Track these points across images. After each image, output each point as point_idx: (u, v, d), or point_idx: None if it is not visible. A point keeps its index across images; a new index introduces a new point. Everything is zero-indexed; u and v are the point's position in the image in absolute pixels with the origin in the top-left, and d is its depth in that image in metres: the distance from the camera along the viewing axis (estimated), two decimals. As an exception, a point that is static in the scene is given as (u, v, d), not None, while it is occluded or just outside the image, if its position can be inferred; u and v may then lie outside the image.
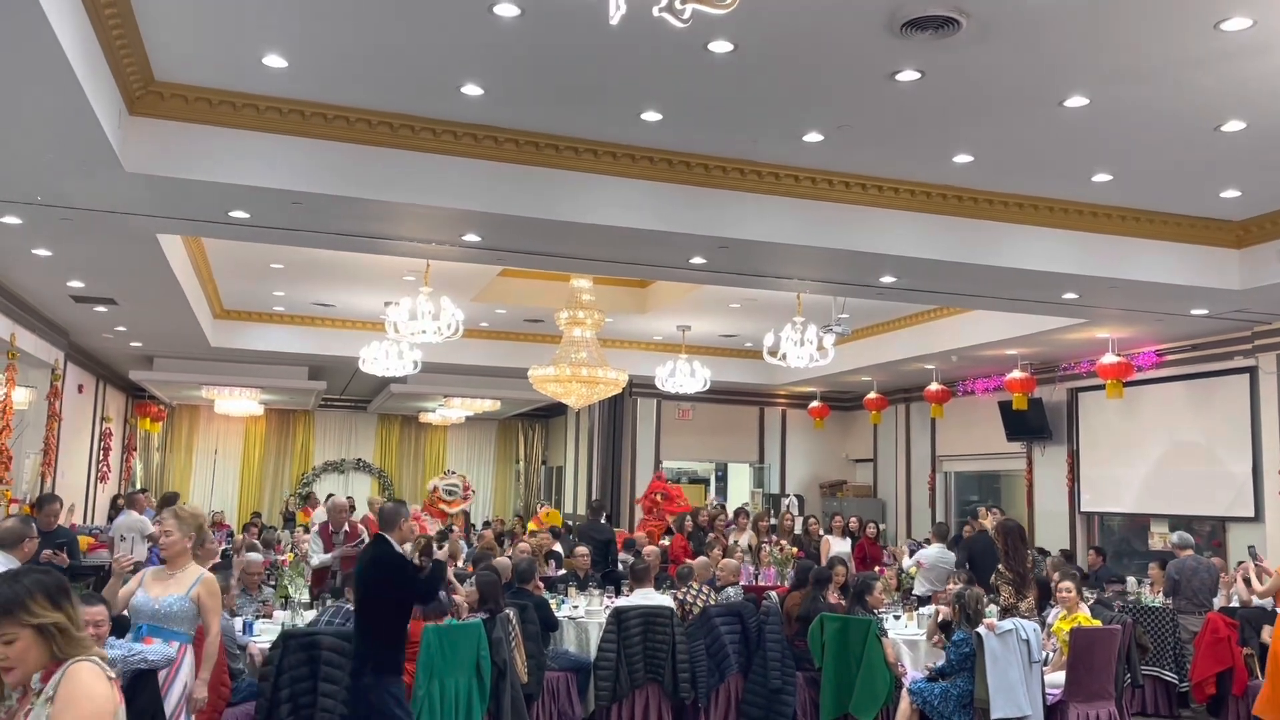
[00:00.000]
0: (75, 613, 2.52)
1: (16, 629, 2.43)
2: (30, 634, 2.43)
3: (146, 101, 6.39)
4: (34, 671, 2.44)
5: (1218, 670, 8.00)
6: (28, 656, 2.43)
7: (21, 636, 2.43)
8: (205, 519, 5.15)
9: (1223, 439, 11.45)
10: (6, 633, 2.42)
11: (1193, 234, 8.79)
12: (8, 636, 2.42)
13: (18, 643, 2.42)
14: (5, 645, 2.42)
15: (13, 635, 2.42)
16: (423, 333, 9.81)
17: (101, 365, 16.23)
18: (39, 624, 2.44)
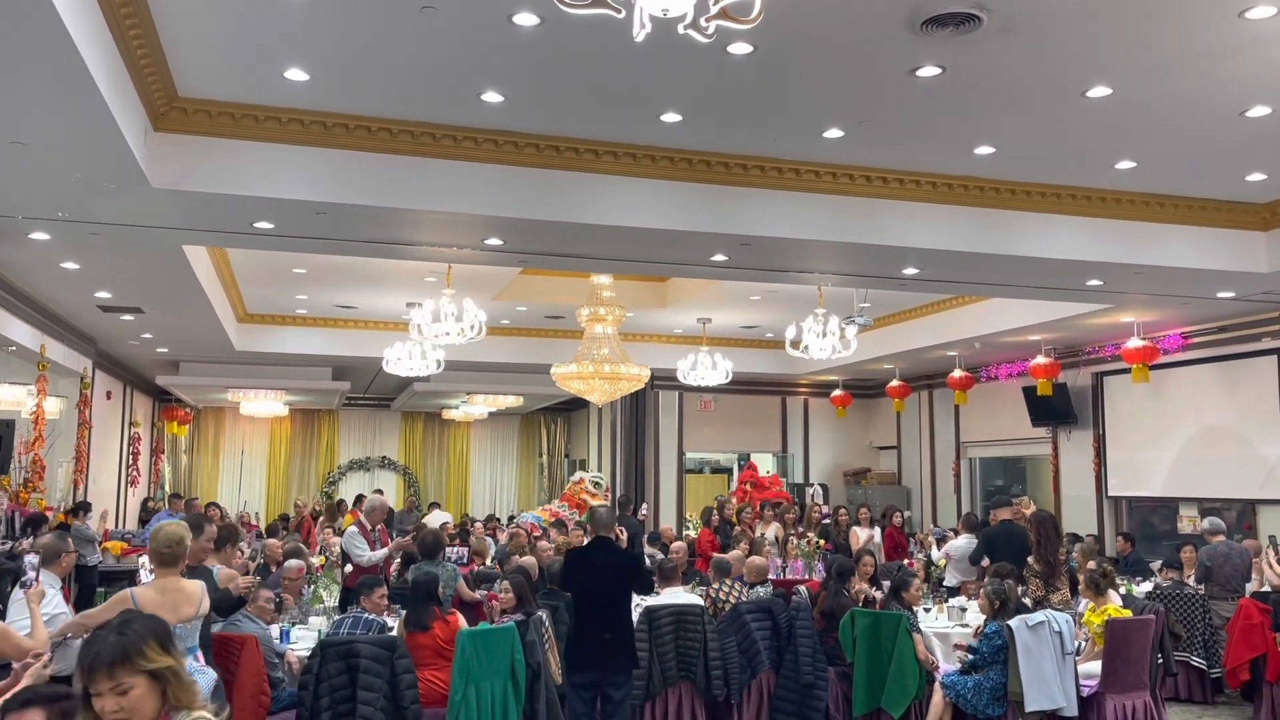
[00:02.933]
0: (180, 658, 2.51)
1: (133, 677, 2.39)
2: (145, 681, 2.41)
3: (171, 118, 6.44)
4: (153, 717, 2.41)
5: (1251, 656, 7.96)
6: (144, 705, 2.40)
7: (137, 684, 2.39)
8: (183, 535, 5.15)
9: (1252, 421, 11.36)
10: (122, 682, 2.37)
11: (1218, 218, 8.72)
12: (123, 686, 2.38)
13: (133, 691, 2.39)
14: (120, 696, 2.37)
15: (129, 685, 2.38)
16: (446, 334, 9.86)
17: (128, 371, 16.40)
18: (154, 670, 2.41)
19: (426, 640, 6.26)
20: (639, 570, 6.11)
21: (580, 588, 6.06)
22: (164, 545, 4.93)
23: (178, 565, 4.97)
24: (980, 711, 6.85)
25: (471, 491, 23.51)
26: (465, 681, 6.05)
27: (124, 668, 2.39)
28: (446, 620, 6.39)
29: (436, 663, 6.23)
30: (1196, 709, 8.43)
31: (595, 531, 6.22)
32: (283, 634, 6.79)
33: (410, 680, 5.90)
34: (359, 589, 6.94)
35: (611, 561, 6.00)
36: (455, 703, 6.01)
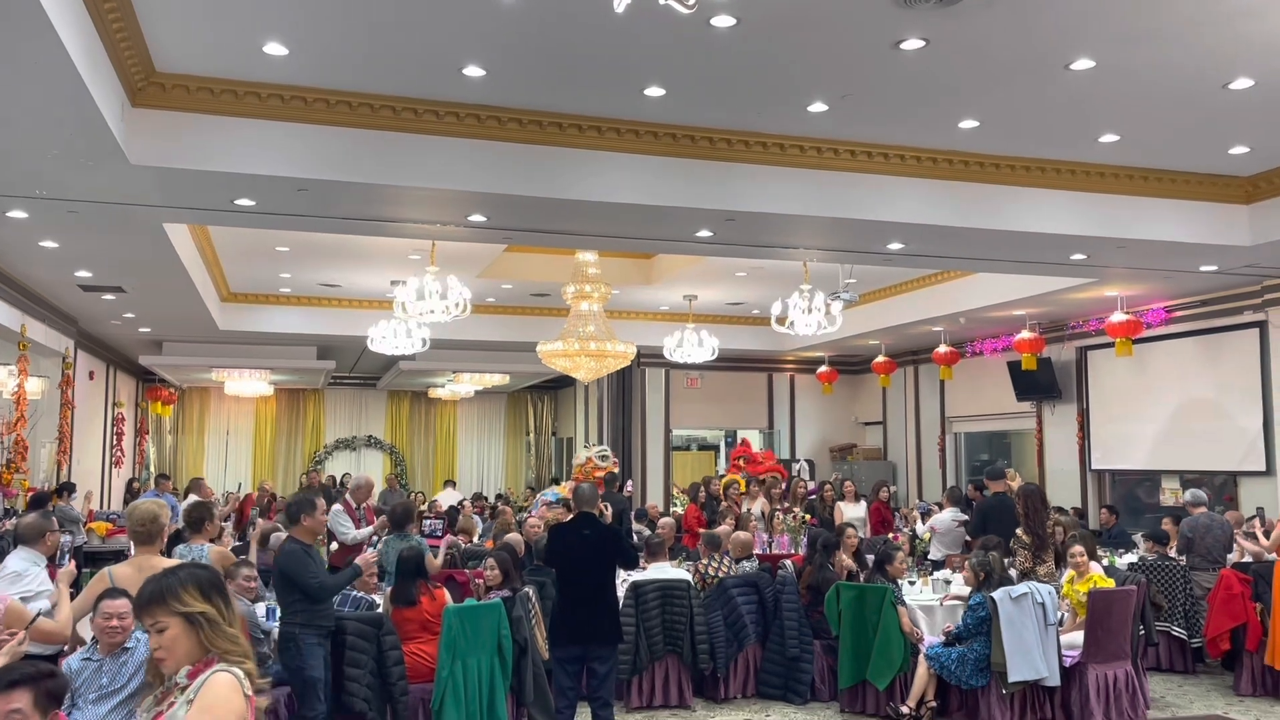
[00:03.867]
0: (229, 609, 2.63)
1: (167, 617, 2.55)
2: (179, 623, 2.55)
3: (149, 93, 6.37)
4: (184, 663, 2.54)
5: (1231, 626, 8.05)
6: (177, 646, 2.54)
7: (171, 625, 2.54)
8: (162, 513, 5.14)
9: (1233, 394, 11.44)
10: (158, 620, 2.55)
11: (1201, 191, 8.75)
12: (160, 625, 2.55)
13: (168, 631, 2.54)
14: (158, 634, 2.55)
15: (164, 624, 2.54)
16: (431, 312, 9.81)
17: (111, 351, 16.30)
18: (188, 613, 2.55)
19: (413, 614, 6.27)
20: (621, 545, 6.12)
21: (563, 563, 6.08)
22: (139, 524, 4.93)
23: (155, 543, 4.97)
24: (964, 682, 6.92)
25: (459, 470, 23.50)
26: (452, 657, 6.06)
27: (159, 607, 2.56)
28: (433, 594, 6.40)
29: (422, 636, 6.25)
30: (1177, 678, 8.54)
31: (578, 507, 6.22)
32: (269, 612, 6.78)
33: (396, 657, 5.92)
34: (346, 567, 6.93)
35: (594, 537, 6.01)
36: (442, 679, 6.03)
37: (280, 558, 5.72)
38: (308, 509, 5.81)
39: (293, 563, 5.62)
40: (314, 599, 5.59)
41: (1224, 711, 7.47)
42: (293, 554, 5.67)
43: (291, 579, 5.59)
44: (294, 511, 5.89)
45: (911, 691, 7.05)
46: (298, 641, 5.56)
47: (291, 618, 5.62)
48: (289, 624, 5.62)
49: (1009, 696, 6.86)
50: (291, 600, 5.63)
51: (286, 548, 5.76)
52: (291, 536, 5.84)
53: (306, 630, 5.57)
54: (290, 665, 5.60)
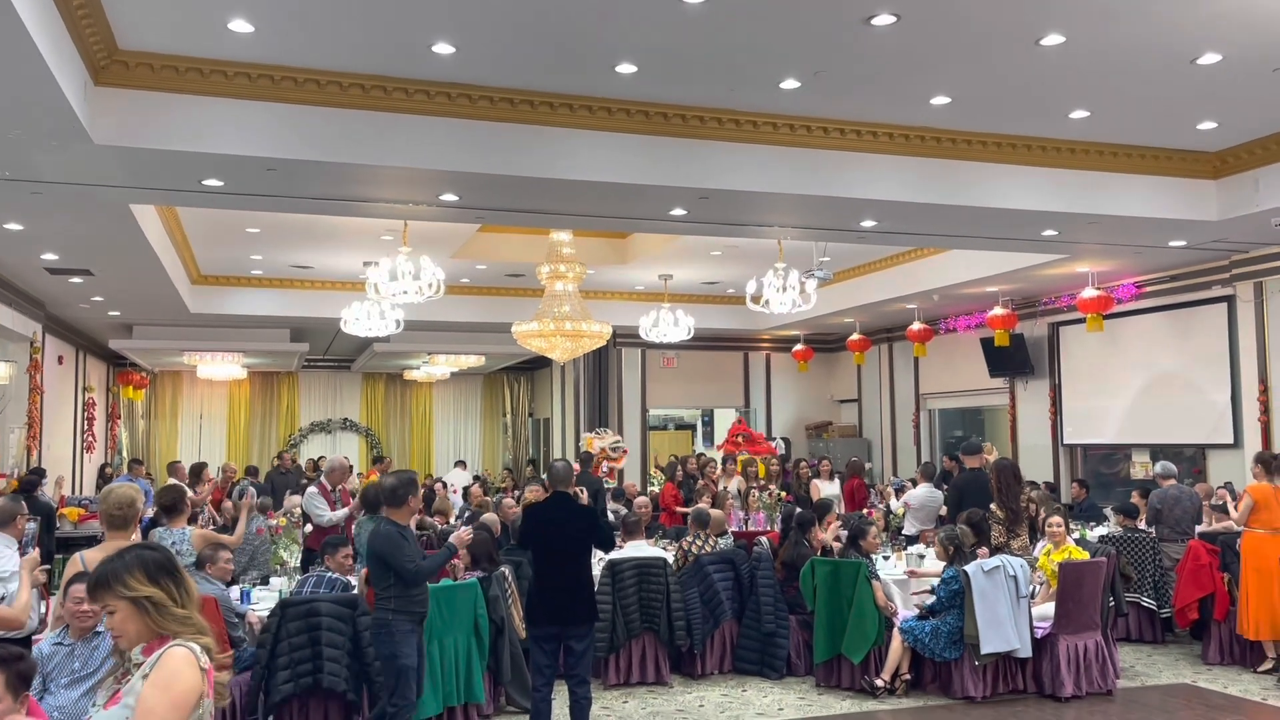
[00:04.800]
0: (177, 590, 2.65)
1: (114, 601, 2.59)
2: (127, 606, 2.59)
3: (112, 71, 6.27)
4: (137, 642, 2.59)
5: (1200, 596, 8.18)
6: (127, 627, 2.59)
7: (119, 608, 2.59)
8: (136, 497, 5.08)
9: (1202, 368, 11.58)
10: (107, 604, 2.61)
11: (1170, 167, 8.81)
12: (109, 608, 2.60)
13: (116, 614, 2.60)
14: (109, 615, 2.62)
15: (112, 607, 2.60)
16: (404, 293, 9.74)
17: (80, 335, 16.10)
18: (133, 597, 2.58)
19: (388, 597, 6.25)
20: (597, 526, 6.10)
21: (538, 544, 6.05)
22: (114, 508, 4.88)
23: (128, 528, 4.92)
24: (937, 655, 7.01)
25: (435, 452, 23.44)
26: (428, 637, 6.06)
27: (106, 591, 2.60)
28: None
29: (398, 618, 6.23)
30: (1147, 648, 8.67)
31: (553, 487, 6.19)
32: (243, 595, 6.76)
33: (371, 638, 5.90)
34: (322, 549, 6.91)
35: (569, 516, 5.97)
36: (419, 658, 6.03)
37: (375, 539, 5.48)
38: (412, 489, 5.60)
39: (388, 545, 5.38)
40: (408, 583, 5.38)
41: (1192, 680, 7.60)
42: (388, 536, 5.42)
43: (386, 561, 5.37)
44: (401, 493, 5.59)
45: (886, 664, 7.13)
46: (390, 628, 5.36)
47: (384, 603, 5.41)
48: (382, 609, 5.40)
49: (981, 668, 6.95)
50: (385, 584, 5.40)
51: (382, 529, 5.50)
52: (388, 518, 5.58)
53: (400, 616, 5.38)
54: (382, 653, 5.41)
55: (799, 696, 7.20)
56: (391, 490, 5.63)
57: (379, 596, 5.48)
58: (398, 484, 5.64)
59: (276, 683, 5.71)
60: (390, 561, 5.37)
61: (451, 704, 6.18)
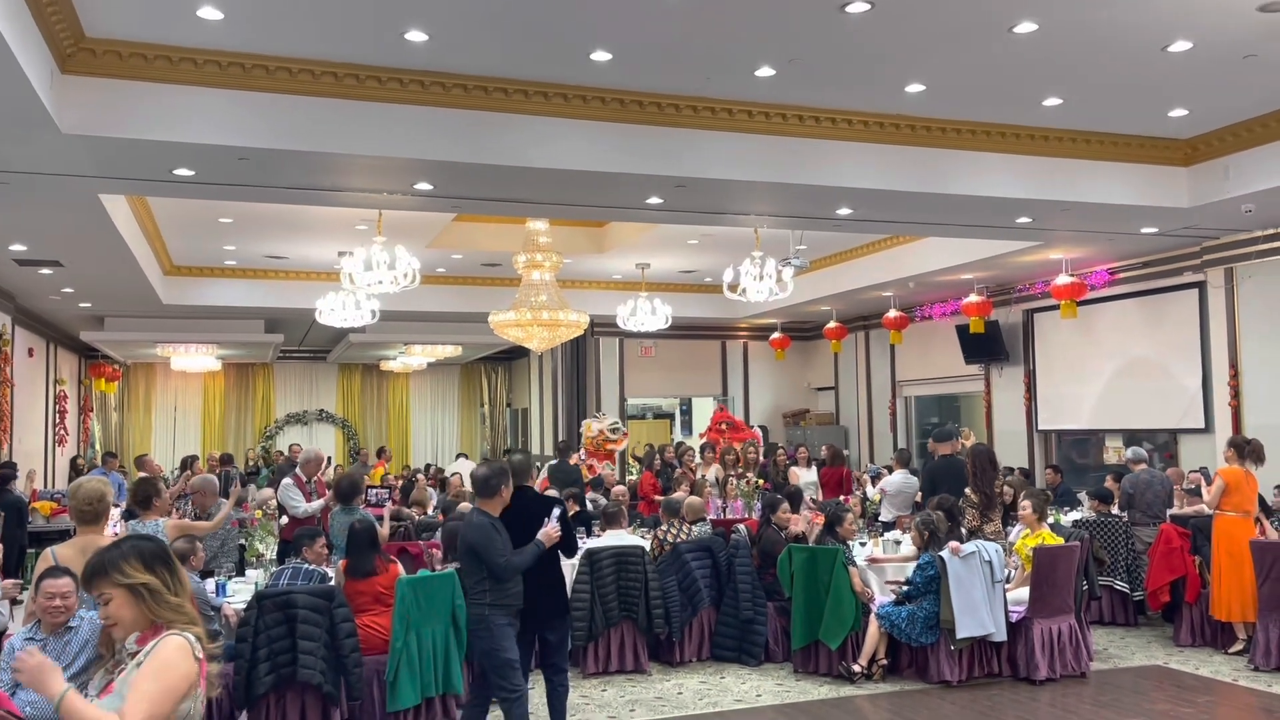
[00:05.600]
0: (171, 579, 2.67)
1: (110, 588, 2.62)
2: (123, 594, 2.62)
3: (79, 60, 6.18)
4: (131, 631, 2.62)
5: (1171, 579, 8.27)
6: (123, 615, 2.62)
7: (115, 596, 2.62)
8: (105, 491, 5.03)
9: (1174, 353, 11.70)
10: (103, 592, 2.63)
11: (1142, 154, 8.88)
12: (105, 595, 2.63)
13: (112, 602, 2.62)
14: (104, 604, 2.63)
15: (109, 595, 2.62)
16: (379, 283, 9.68)
17: (51, 328, 15.92)
18: (130, 584, 2.61)
19: (366, 587, 6.24)
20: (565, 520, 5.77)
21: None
22: (84, 503, 4.82)
23: (99, 523, 4.87)
24: (914, 640, 7.06)
25: (413, 442, 23.37)
26: (406, 628, 6.05)
27: (103, 579, 2.63)
28: (387, 567, 6.36)
29: (375, 608, 6.22)
30: (1120, 630, 8.77)
31: (516, 481, 5.84)
32: (218, 587, 6.71)
33: (350, 629, 5.88)
34: (296, 540, 6.87)
35: (534, 509, 5.70)
36: (396, 650, 6.02)
37: (468, 530, 5.32)
38: (504, 479, 5.44)
39: (481, 536, 5.25)
40: (499, 578, 5.25)
41: (1164, 662, 7.69)
42: (482, 527, 5.28)
43: (479, 554, 5.25)
44: (494, 483, 5.43)
45: (863, 650, 7.17)
46: (488, 624, 5.26)
47: (479, 597, 5.28)
48: (477, 604, 5.29)
49: (957, 652, 7.00)
50: (479, 577, 5.28)
51: (475, 520, 5.34)
52: (479, 509, 5.43)
53: (496, 610, 5.26)
54: (483, 648, 5.32)
55: (777, 683, 7.24)
56: (484, 480, 5.45)
57: (473, 591, 5.33)
58: (490, 474, 5.46)
59: (258, 675, 5.67)
60: (483, 555, 5.24)
61: (430, 694, 6.16)
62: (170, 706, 2.49)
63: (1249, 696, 6.81)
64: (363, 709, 6.05)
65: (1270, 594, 7.31)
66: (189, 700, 2.54)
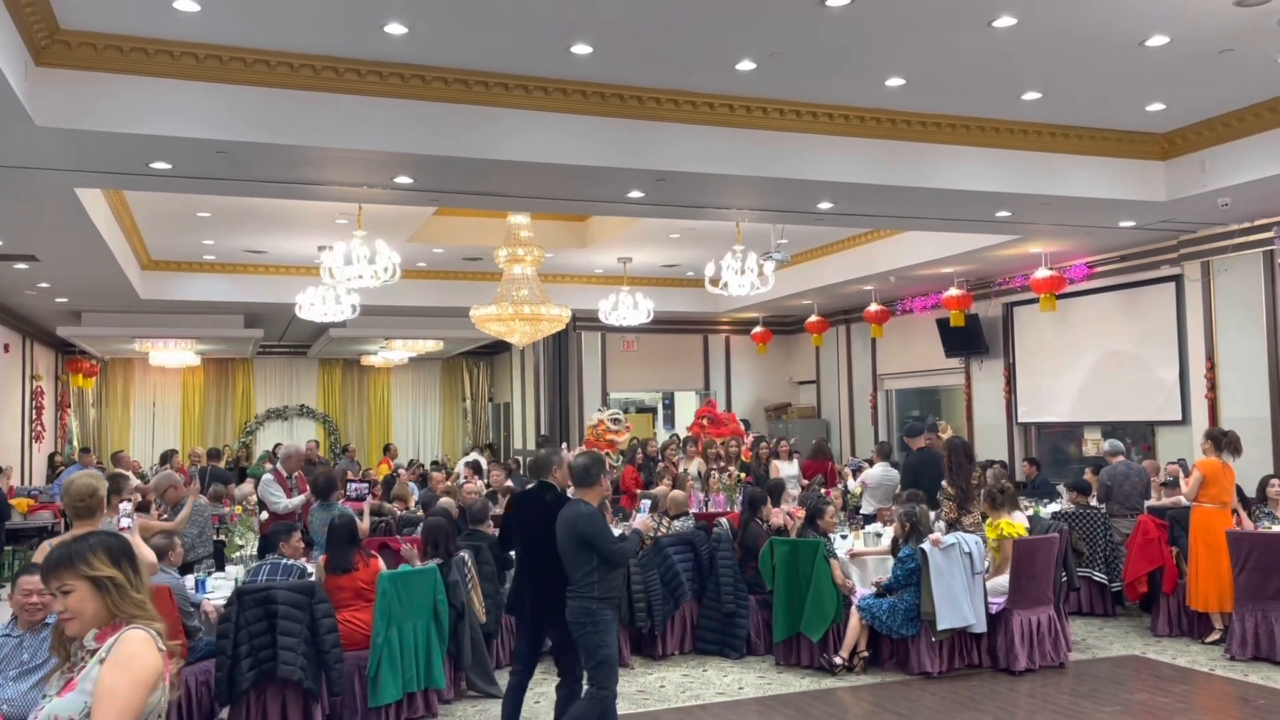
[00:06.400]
0: (135, 575, 2.65)
1: (74, 580, 2.57)
2: (86, 586, 2.57)
3: (53, 52, 6.11)
4: (91, 626, 2.57)
5: (1149, 569, 8.35)
6: (84, 608, 2.57)
7: (78, 588, 2.57)
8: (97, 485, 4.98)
9: (1151, 346, 11.79)
10: (65, 584, 2.57)
11: (1120, 148, 8.93)
12: (66, 587, 2.57)
13: (74, 594, 2.57)
14: (63, 596, 2.57)
15: (70, 586, 2.57)
16: (359, 278, 9.64)
17: (27, 323, 15.76)
18: (94, 576, 2.57)
19: (347, 582, 6.22)
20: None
21: (520, 535, 5.71)
22: (78, 499, 4.78)
23: (94, 517, 4.83)
24: (895, 632, 7.10)
25: (394, 438, 23.27)
26: (387, 623, 6.04)
27: (67, 570, 2.58)
28: (368, 562, 6.34)
29: (356, 604, 6.21)
30: (1098, 621, 8.84)
31: (534, 476, 5.77)
32: (198, 584, 6.68)
33: (330, 624, 5.87)
34: (273, 535, 6.84)
35: (551, 508, 5.48)
36: (377, 645, 6.01)
37: (580, 521, 5.19)
38: (603, 468, 5.39)
39: (595, 526, 5.16)
40: (614, 565, 5.18)
41: (1142, 652, 7.76)
42: (593, 517, 5.19)
43: (591, 543, 5.13)
44: (594, 472, 5.37)
45: (844, 642, 7.21)
46: (595, 617, 5.16)
47: (587, 590, 5.17)
48: (585, 597, 5.17)
49: (938, 644, 7.05)
50: (587, 570, 5.16)
51: (583, 510, 5.23)
52: (583, 499, 5.33)
53: (603, 604, 5.18)
54: (586, 643, 5.19)
55: (759, 675, 7.26)
56: (585, 470, 5.39)
57: (580, 584, 5.20)
58: (590, 463, 5.42)
59: (239, 671, 5.65)
60: (597, 544, 5.14)
61: (411, 689, 6.16)
62: (141, 700, 2.46)
63: (1225, 686, 6.88)
64: (344, 704, 6.03)
65: (1246, 584, 7.38)
66: (156, 692, 2.52)
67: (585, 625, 5.17)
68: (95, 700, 2.41)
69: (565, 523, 5.27)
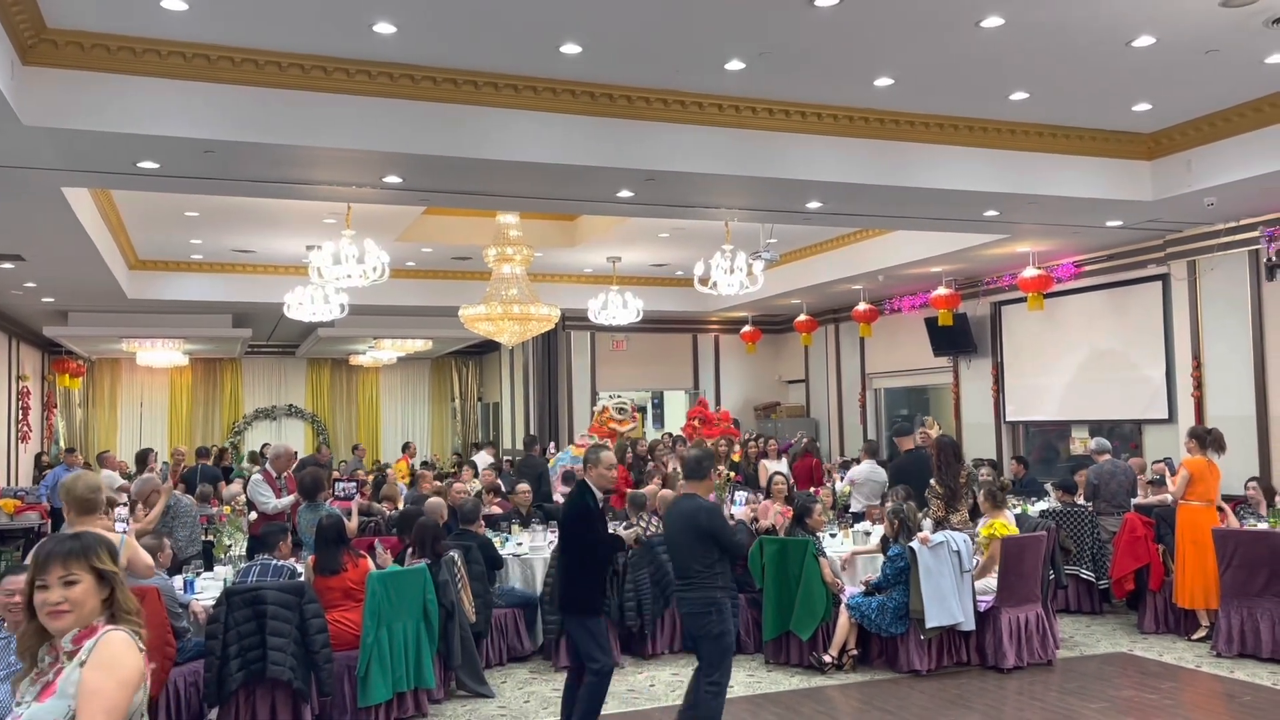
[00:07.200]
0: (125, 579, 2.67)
1: (82, 571, 2.54)
2: (92, 579, 2.55)
3: (40, 51, 6.08)
4: (83, 622, 2.53)
5: (1136, 567, 8.39)
6: (86, 601, 2.53)
7: (85, 580, 2.54)
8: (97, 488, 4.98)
9: (1138, 345, 11.85)
10: (73, 574, 2.52)
11: (1107, 148, 8.98)
12: (73, 577, 2.52)
13: (79, 585, 2.53)
14: (67, 587, 2.51)
15: (77, 577, 2.53)
16: (348, 277, 9.61)
17: (12, 323, 15.68)
18: (103, 570, 2.57)
19: (336, 583, 6.21)
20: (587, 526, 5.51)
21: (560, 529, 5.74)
22: (87, 492, 4.77)
23: (97, 513, 4.81)
24: (884, 630, 7.12)
25: (383, 437, 23.23)
26: (377, 623, 6.03)
27: (78, 560, 2.54)
28: (356, 562, 6.33)
29: (346, 604, 6.19)
30: (1085, 618, 8.89)
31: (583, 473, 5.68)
32: (186, 584, 6.66)
33: (320, 625, 5.85)
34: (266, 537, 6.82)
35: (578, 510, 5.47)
36: (367, 645, 6.00)
37: (700, 515, 5.23)
38: (713, 461, 5.43)
39: (719, 520, 5.25)
40: (736, 556, 5.32)
41: (1129, 649, 7.81)
42: (714, 511, 5.27)
43: (716, 536, 5.19)
44: (706, 465, 5.45)
45: (834, 641, 7.23)
46: (722, 607, 5.23)
47: (711, 580, 5.21)
48: (709, 587, 5.21)
49: (927, 642, 7.08)
50: (710, 561, 5.22)
51: (704, 505, 5.30)
52: (692, 493, 5.41)
53: (726, 594, 5.27)
54: (713, 631, 5.22)
55: (748, 674, 7.28)
56: (696, 462, 5.47)
57: (702, 575, 5.22)
58: (701, 456, 5.50)
59: (229, 672, 5.63)
60: (720, 537, 5.20)
61: (401, 689, 6.15)
62: (127, 701, 2.43)
63: (1212, 682, 6.93)
64: (333, 704, 6.02)
65: (1232, 581, 7.44)
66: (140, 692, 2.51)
67: (710, 614, 5.21)
68: (81, 702, 2.37)
69: (684, 517, 5.33)
